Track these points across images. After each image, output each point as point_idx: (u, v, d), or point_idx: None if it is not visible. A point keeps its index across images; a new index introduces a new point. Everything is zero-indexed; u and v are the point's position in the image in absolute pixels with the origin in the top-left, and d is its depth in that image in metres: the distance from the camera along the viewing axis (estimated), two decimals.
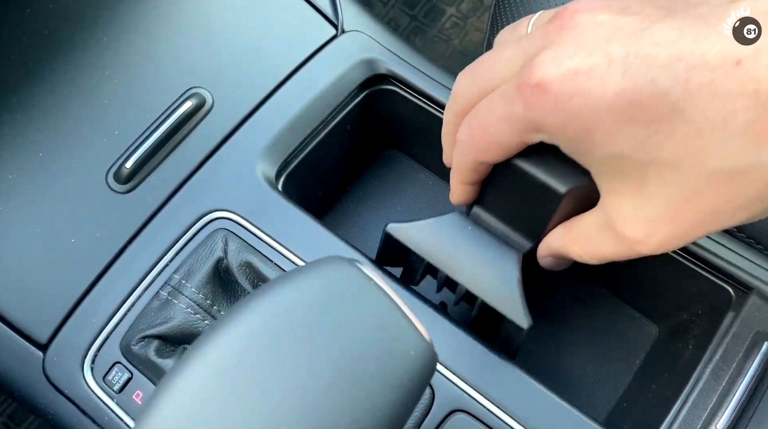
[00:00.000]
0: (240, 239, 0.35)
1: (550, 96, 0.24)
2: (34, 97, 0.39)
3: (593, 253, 0.29)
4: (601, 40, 0.23)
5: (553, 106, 0.24)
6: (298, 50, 0.41)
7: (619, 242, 0.27)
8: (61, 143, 0.38)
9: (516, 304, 0.31)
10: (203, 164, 0.37)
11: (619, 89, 0.23)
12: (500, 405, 0.31)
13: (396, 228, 0.34)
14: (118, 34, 0.40)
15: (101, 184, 0.37)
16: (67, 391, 0.34)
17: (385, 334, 0.20)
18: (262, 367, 0.19)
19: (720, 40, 0.21)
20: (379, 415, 0.19)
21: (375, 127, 0.44)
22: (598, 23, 0.24)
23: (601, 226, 0.28)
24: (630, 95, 0.23)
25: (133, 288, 0.35)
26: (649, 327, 0.41)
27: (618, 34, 0.23)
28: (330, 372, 0.19)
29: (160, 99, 0.38)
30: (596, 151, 0.25)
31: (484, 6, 1.03)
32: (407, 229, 0.34)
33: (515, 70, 0.26)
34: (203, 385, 0.20)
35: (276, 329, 0.20)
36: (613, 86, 0.23)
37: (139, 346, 0.33)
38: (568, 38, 0.24)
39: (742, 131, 0.22)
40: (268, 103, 0.39)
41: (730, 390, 0.31)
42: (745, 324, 0.33)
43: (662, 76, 0.22)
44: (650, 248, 0.26)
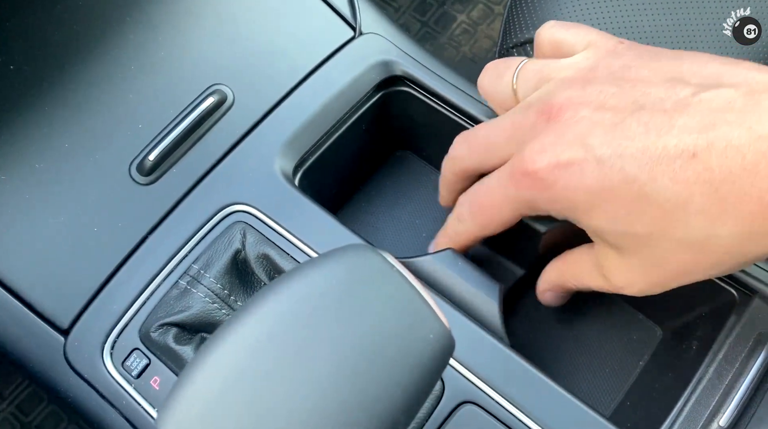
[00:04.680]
0: (258, 232, 0.36)
1: (538, 182, 0.29)
2: (62, 91, 0.40)
3: (585, 287, 0.34)
4: (581, 135, 0.28)
5: (542, 189, 0.29)
6: (316, 51, 0.42)
7: (606, 283, 0.32)
8: (87, 135, 0.39)
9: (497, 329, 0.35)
10: (223, 159, 0.38)
11: (595, 177, 0.27)
12: (509, 398, 0.32)
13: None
14: (144, 32, 0.41)
15: (124, 176, 0.38)
16: (86, 375, 0.34)
17: (405, 317, 0.21)
18: (289, 347, 0.20)
19: (679, 134, 0.25)
20: (399, 395, 0.20)
21: (389, 127, 0.45)
22: (579, 118, 0.28)
23: (592, 265, 0.32)
24: (603, 182, 0.27)
25: (153, 277, 0.36)
26: (652, 329, 0.42)
27: (595, 128, 0.28)
28: (353, 353, 0.20)
29: (183, 95, 0.40)
30: (581, 223, 0.30)
31: (495, 14, 1.05)
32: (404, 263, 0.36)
33: (507, 154, 0.31)
34: (232, 364, 0.21)
35: (302, 312, 0.21)
36: (590, 175, 0.27)
37: (157, 333, 0.34)
38: (552, 130, 0.29)
39: (699, 211, 0.25)
40: (287, 101, 0.40)
41: (733, 388, 0.32)
42: (748, 326, 0.34)
43: (630, 166, 0.26)
44: (633, 292, 0.31)
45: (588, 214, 0.28)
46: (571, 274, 0.34)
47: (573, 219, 0.30)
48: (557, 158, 0.28)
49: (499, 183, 0.32)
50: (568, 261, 0.34)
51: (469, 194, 0.34)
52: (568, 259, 0.34)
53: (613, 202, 0.27)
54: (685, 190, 0.25)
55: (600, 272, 0.32)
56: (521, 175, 0.30)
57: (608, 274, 0.31)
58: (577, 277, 0.34)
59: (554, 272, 0.35)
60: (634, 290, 0.31)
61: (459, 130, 0.41)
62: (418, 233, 0.46)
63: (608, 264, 0.31)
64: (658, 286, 0.30)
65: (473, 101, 0.40)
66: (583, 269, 0.33)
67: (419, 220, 0.46)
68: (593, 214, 0.28)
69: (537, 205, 0.30)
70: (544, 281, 0.36)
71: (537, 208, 0.31)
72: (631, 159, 0.26)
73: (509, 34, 0.52)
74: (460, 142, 0.35)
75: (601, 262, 0.31)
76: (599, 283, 0.32)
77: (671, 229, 0.27)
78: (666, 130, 0.26)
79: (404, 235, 0.46)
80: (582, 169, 0.27)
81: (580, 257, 0.33)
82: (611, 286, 0.32)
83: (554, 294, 0.36)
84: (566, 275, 0.35)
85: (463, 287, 0.36)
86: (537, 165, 0.29)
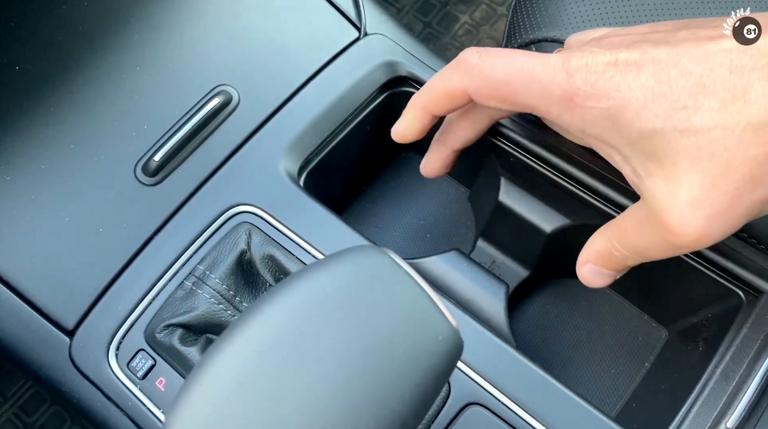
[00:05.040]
0: (263, 233, 0.36)
1: (592, 72, 0.27)
2: (67, 91, 0.40)
3: (630, 247, 0.29)
4: (634, 43, 0.27)
5: (594, 81, 0.27)
6: (321, 51, 0.42)
7: (657, 234, 0.27)
8: (92, 136, 0.39)
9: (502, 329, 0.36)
10: (228, 159, 0.38)
11: (651, 72, 0.26)
12: (515, 399, 0.32)
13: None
14: (149, 32, 0.42)
15: (130, 177, 0.38)
16: (92, 376, 0.35)
17: (414, 318, 0.21)
18: (297, 348, 0.20)
19: (729, 36, 0.25)
20: (408, 396, 0.20)
21: None
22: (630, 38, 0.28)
23: (641, 218, 0.28)
24: (660, 76, 0.26)
25: (159, 277, 0.36)
26: (658, 330, 0.42)
27: (647, 40, 0.27)
28: (362, 353, 0.20)
29: (189, 95, 0.40)
30: (629, 129, 0.27)
31: (498, 14, 1.05)
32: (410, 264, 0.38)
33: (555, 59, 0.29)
34: (240, 366, 0.20)
35: (309, 314, 0.21)
36: (646, 71, 0.26)
37: (163, 334, 0.34)
38: (604, 44, 0.28)
39: (759, 97, 0.25)
40: (292, 102, 0.40)
41: (740, 389, 0.31)
42: (755, 327, 0.33)
43: (686, 59, 0.25)
44: (689, 239, 0.26)
45: (640, 113, 0.26)
46: (618, 236, 0.30)
47: (618, 132, 0.27)
48: (615, 57, 0.27)
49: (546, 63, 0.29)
50: (614, 221, 0.31)
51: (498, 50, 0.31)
52: (614, 220, 0.31)
53: (668, 97, 0.26)
54: (742, 78, 0.25)
55: (650, 222, 0.28)
56: (573, 65, 0.27)
57: (660, 215, 0.27)
58: (626, 236, 0.29)
59: (600, 239, 0.31)
60: (689, 235, 0.26)
61: None
62: (423, 234, 0.46)
63: (658, 202, 0.27)
64: (719, 218, 0.26)
65: None
66: (632, 224, 0.29)
67: (423, 221, 0.46)
68: (646, 113, 0.26)
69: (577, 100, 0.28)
70: (588, 250, 0.32)
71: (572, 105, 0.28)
72: (687, 54, 0.26)
73: (514, 34, 0.52)
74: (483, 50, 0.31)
75: (650, 206, 0.27)
76: (652, 236, 0.28)
77: (732, 118, 0.25)
78: (717, 37, 0.26)
79: (408, 235, 0.46)
80: (639, 67, 0.26)
81: (627, 213, 0.30)
82: (661, 239, 0.27)
83: (595, 269, 0.32)
84: (613, 238, 0.30)
85: (469, 288, 0.36)
86: (596, 59, 0.27)
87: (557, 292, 0.43)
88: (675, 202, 0.26)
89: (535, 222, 0.35)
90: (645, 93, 0.26)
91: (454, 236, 0.45)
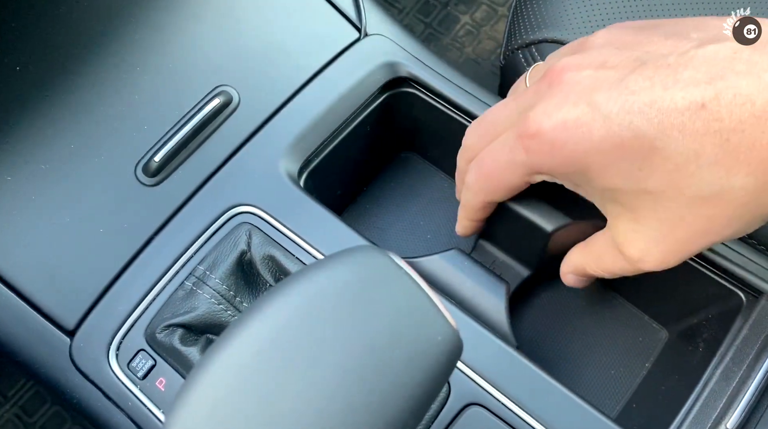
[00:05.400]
0: (263, 233, 0.36)
1: (546, 144, 0.28)
2: (67, 91, 0.40)
3: (604, 270, 0.33)
4: (585, 93, 0.27)
5: (549, 151, 0.28)
6: (322, 52, 0.42)
7: (623, 260, 0.31)
8: (92, 136, 0.39)
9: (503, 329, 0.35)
10: (229, 160, 0.38)
11: (603, 134, 0.26)
12: (515, 399, 0.32)
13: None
14: (150, 33, 0.42)
15: (130, 177, 0.38)
16: (92, 376, 0.35)
17: (413, 319, 0.21)
18: (297, 349, 0.20)
19: (685, 87, 0.25)
20: (408, 396, 0.20)
21: (394, 129, 0.45)
22: (581, 78, 0.28)
23: (609, 245, 0.32)
24: (613, 139, 0.26)
25: (159, 278, 0.36)
26: (659, 331, 0.42)
27: (599, 86, 0.27)
28: (360, 355, 0.20)
29: (189, 96, 0.40)
30: (593, 185, 0.29)
31: (498, 15, 1.05)
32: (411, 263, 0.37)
33: (513, 122, 0.31)
34: (240, 366, 0.20)
35: (309, 314, 0.21)
36: (597, 132, 0.26)
37: (163, 334, 0.34)
38: (555, 93, 0.28)
39: (712, 163, 0.25)
40: (292, 103, 0.40)
41: (740, 390, 0.31)
42: (755, 328, 0.33)
43: (638, 120, 0.25)
44: (650, 265, 0.30)
45: (601, 174, 0.28)
46: (591, 258, 0.34)
47: (583, 185, 0.29)
48: (564, 118, 0.27)
49: (504, 145, 0.31)
50: (588, 244, 0.34)
51: (476, 161, 0.34)
52: (588, 243, 0.34)
53: (624, 160, 0.26)
54: (695, 142, 0.25)
55: (616, 250, 0.31)
56: (528, 138, 0.29)
57: (624, 247, 0.30)
58: (597, 259, 0.33)
59: (576, 256, 0.35)
60: (651, 261, 0.29)
61: (464, 131, 0.41)
62: (423, 234, 0.46)
63: (621, 237, 0.30)
64: (675, 254, 0.29)
65: (478, 102, 0.40)
66: (601, 250, 0.32)
67: (424, 222, 0.46)
68: (606, 174, 0.27)
69: (543, 169, 0.30)
70: (567, 264, 0.36)
71: (543, 173, 0.30)
72: (639, 114, 0.25)
73: (514, 35, 0.52)
74: (469, 130, 0.35)
75: (615, 238, 0.30)
76: (617, 262, 0.31)
77: (684, 183, 0.26)
78: (672, 83, 0.25)
79: (409, 236, 0.46)
80: (590, 128, 0.27)
81: (598, 239, 0.33)
82: (627, 264, 0.31)
83: (576, 277, 0.36)
84: (587, 259, 0.34)
85: (469, 286, 0.36)
86: (544, 126, 0.28)
87: (557, 292, 0.43)
88: (636, 238, 0.29)
89: (537, 222, 0.35)
90: (601, 157, 0.27)
91: (454, 236, 0.45)
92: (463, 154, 0.36)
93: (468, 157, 0.35)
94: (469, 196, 0.35)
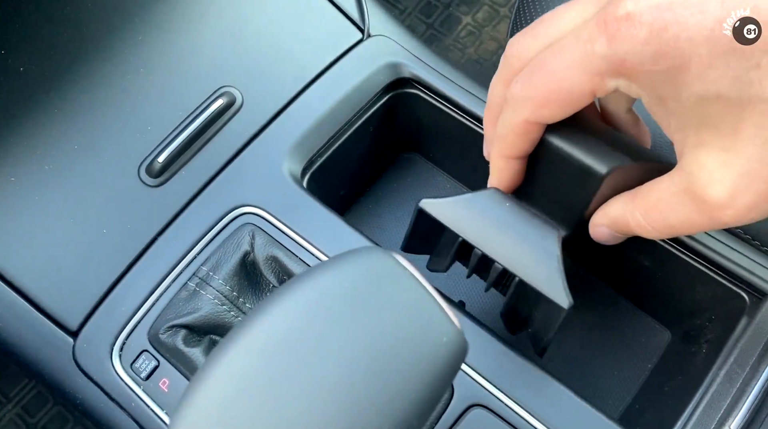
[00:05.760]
0: (266, 234, 0.36)
1: (642, 27, 0.22)
2: (71, 92, 0.40)
3: (660, 222, 0.26)
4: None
5: (645, 38, 0.22)
6: (325, 53, 0.42)
7: (697, 208, 0.25)
8: (96, 137, 0.39)
9: (556, 284, 0.29)
10: (232, 161, 0.38)
11: (719, 17, 0.21)
12: (518, 401, 0.32)
13: (430, 203, 0.31)
14: (153, 34, 0.42)
15: (133, 178, 0.38)
16: (95, 377, 0.35)
17: (419, 320, 0.21)
18: (302, 350, 0.20)
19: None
20: (412, 397, 0.20)
21: (397, 129, 0.45)
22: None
23: (678, 189, 0.25)
24: (727, 21, 0.21)
25: (162, 278, 0.36)
26: (662, 332, 0.42)
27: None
28: (365, 356, 0.20)
29: (192, 97, 0.40)
30: (688, 92, 0.23)
31: (500, 15, 1.05)
32: (442, 205, 0.31)
33: (590, 17, 0.24)
34: (245, 367, 0.21)
35: (314, 315, 0.21)
36: (713, 15, 0.21)
37: (166, 335, 0.34)
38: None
39: None
40: (296, 103, 0.40)
41: (744, 392, 0.31)
42: (759, 329, 0.33)
43: (764, 4, 0.21)
44: (733, 213, 0.24)
45: (702, 74, 0.22)
46: (644, 207, 0.27)
47: (674, 94, 0.23)
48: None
49: (577, 38, 0.24)
50: (641, 190, 0.27)
51: (531, 64, 0.26)
52: (641, 189, 0.27)
53: (736, 55, 0.21)
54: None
55: (689, 194, 0.25)
56: (616, 21, 0.22)
57: (706, 187, 0.24)
58: (654, 208, 0.26)
59: (620, 205, 0.28)
60: (735, 211, 0.24)
61: (466, 132, 0.41)
62: None
63: (707, 173, 0.24)
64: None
65: (481, 103, 0.40)
66: (664, 196, 0.26)
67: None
68: (710, 74, 0.22)
69: (628, 65, 0.23)
70: (604, 214, 0.29)
71: (623, 74, 0.24)
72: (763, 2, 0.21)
73: None
74: (518, 36, 0.27)
75: (695, 177, 0.24)
76: (682, 212, 0.25)
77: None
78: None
79: None
80: (702, 8, 0.21)
81: (660, 183, 0.26)
82: (701, 213, 0.24)
83: (610, 232, 0.29)
84: (638, 208, 0.27)
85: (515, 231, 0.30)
86: (641, 6, 0.22)
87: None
88: (727, 173, 0.23)
89: (589, 163, 0.27)
90: (711, 48, 0.21)
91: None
92: (502, 73, 0.28)
93: (508, 75, 0.28)
94: (510, 116, 0.27)
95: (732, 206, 0.24)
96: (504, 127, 0.28)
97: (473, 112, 0.40)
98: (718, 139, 0.23)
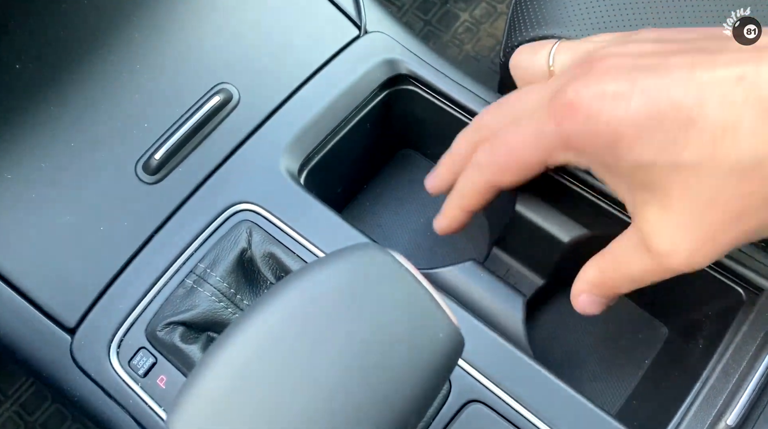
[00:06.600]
0: (263, 231, 0.36)
1: (581, 113, 0.27)
2: (68, 89, 0.40)
3: (626, 275, 0.30)
4: (625, 72, 0.27)
5: (584, 121, 0.27)
6: (322, 49, 0.42)
7: (650, 258, 0.29)
8: (93, 134, 0.39)
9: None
10: (229, 158, 0.38)
11: (640, 104, 0.26)
12: (515, 396, 0.32)
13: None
14: (149, 31, 0.41)
15: (130, 175, 0.38)
16: (93, 374, 0.35)
17: (415, 316, 0.21)
18: (298, 346, 0.20)
19: (726, 64, 0.25)
20: (409, 394, 0.20)
21: (394, 126, 0.45)
22: (623, 62, 0.28)
23: (632, 244, 0.29)
24: (649, 108, 0.26)
25: (160, 275, 0.36)
26: (659, 328, 0.42)
27: (640, 67, 0.27)
28: (362, 352, 0.20)
29: (189, 93, 0.40)
30: (625, 161, 0.27)
31: (497, 12, 1.04)
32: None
33: (542, 103, 0.29)
34: (242, 363, 0.21)
35: (311, 311, 0.21)
36: (635, 102, 0.26)
37: (164, 332, 0.34)
38: (594, 72, 0.28)
39: (750, 134, 0.24)
40: (293, 100, 0.40)
41: (740, 387, 0.32)
42: (755, 324, 0.33)
43: (676, 91, 0.25)
44: (679, 260, 0.28)
45: (634, 147, 0.27)
46: (610, 264, 0.31)
47: (612, 163, 0.28)
48: (603, 89, 0.27)
49: (532, 118, 0.30)
50: (606, 250, 0.31)
51: (494, 137, 0.32)
52: (606, 249, 0.31)
53: (660, 131, 0.26)
54: (733, 112, 0.24)
55: (642, 247, 0.29)
56: (562, 107, 0.28)
57: (652, 238, 0.28)
58: (617, 263, 0.30)
59: (592, 268, 0.32)
60: (681, 255, 0.27)
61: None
62: (423, 232, 0.46)
63: (651, 226, 0.28)
64: (706, 244, 0.27)
65: (478, 100, 0.40)
66: (623, 251, 0.30)
67: (423, 219, 0.46)
68: (640, 147, 0.26)
69: (573, 142, 0.28)
70: (582, 280, 0.33)
71: (570, 148, 0.29)
72: (678, 86, 0.25)
73: (514, 32, 0.52)
74: (486, 110, 0.33)
75: (642, 231, 0.28)
76: (641, 262, 0.29)
77: (722, 154, 0.25)
78: (710, 63, 0.25)
79: (409, 233, 0.46)
80: (628, 99, 0.26)
81: (619, 240, 0.31)
82: (654, 262, 0.28)
83: (590, 297, 0.33)
84: (606, 266, 0.31)
85: (487, 299, 0.36)
86: (580, 96, 0.27)
87: (557, 290, 0.43)
88: (665, 225, 0.27)
89: (553, 232, 0.35)
90: (635, 129, 0.26)
91: (456, 235, 0.45)
92: (469, 135, 0.34)
93: (475, 139, 0.33)
94: (473, 177, 0.33)
95: (675, 254, 0.28)
96: (466, 186, 0.34)
97: (470, 108, 0.40)
98: (655, 198, 0.27)
